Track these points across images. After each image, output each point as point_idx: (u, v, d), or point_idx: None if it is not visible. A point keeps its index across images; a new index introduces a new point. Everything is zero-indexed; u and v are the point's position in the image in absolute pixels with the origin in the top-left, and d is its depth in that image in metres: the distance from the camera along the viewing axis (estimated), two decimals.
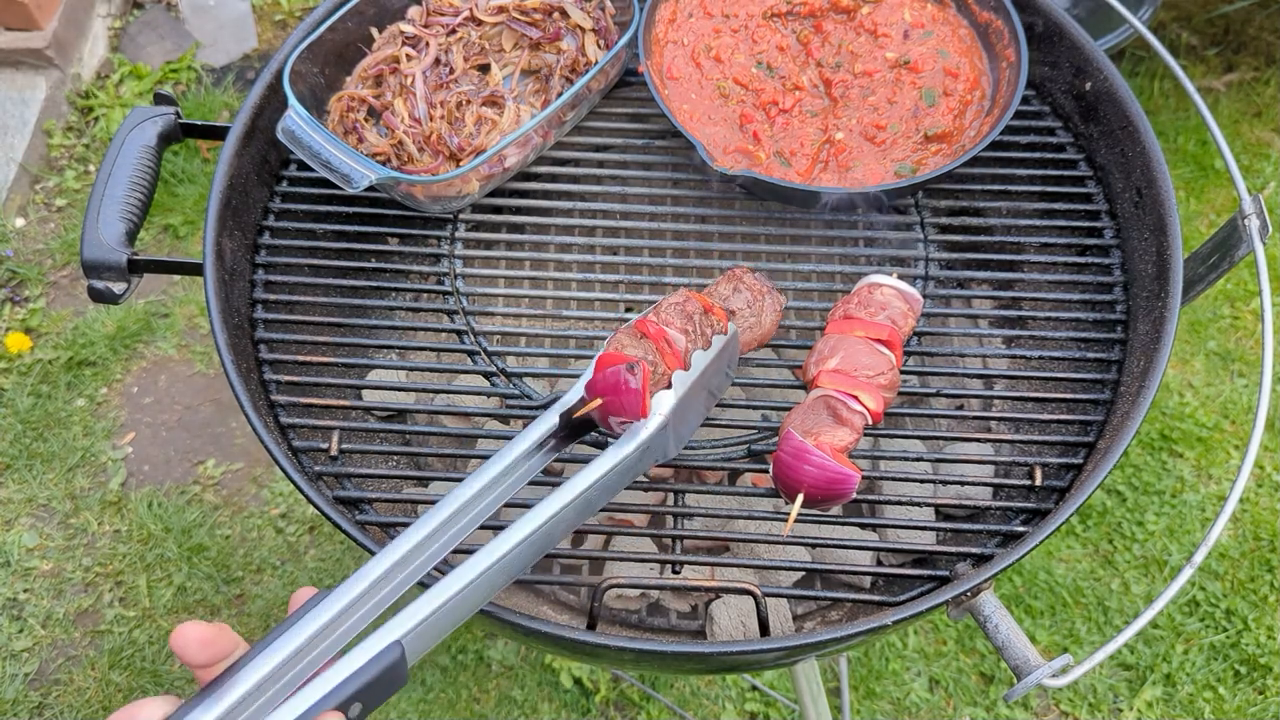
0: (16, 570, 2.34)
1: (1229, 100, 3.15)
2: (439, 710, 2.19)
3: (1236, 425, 2.55)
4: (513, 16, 1.37)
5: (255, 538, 2.39)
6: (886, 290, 1.17)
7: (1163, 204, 1.23)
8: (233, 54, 3.33)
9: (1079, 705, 2.19)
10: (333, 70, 1.36)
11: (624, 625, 1.31)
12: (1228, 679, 2.21)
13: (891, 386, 1.10)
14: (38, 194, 2.98)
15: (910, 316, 1.18)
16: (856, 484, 1.00)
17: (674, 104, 1.36)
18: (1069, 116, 1.41)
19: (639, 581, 1.08)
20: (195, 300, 2.78)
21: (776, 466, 1.02)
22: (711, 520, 1.27)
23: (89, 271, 1.24)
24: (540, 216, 1.37)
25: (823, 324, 1.28)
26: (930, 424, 1.28)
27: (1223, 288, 2.79)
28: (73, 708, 2.16)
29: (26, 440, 2.51)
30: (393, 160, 1.29)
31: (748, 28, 1.42)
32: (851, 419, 1.06)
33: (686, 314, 1.07)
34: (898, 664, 2.24)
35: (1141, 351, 1.19)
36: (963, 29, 1.41)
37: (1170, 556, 2.36)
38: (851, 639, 1.03)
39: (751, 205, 1.39)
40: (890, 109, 1.36)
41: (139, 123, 1.33)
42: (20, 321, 2.72)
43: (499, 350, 1.27)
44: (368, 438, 1.31)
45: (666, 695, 2.19)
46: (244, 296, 1.27)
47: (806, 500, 1.01)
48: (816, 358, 1.12)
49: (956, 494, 1.26)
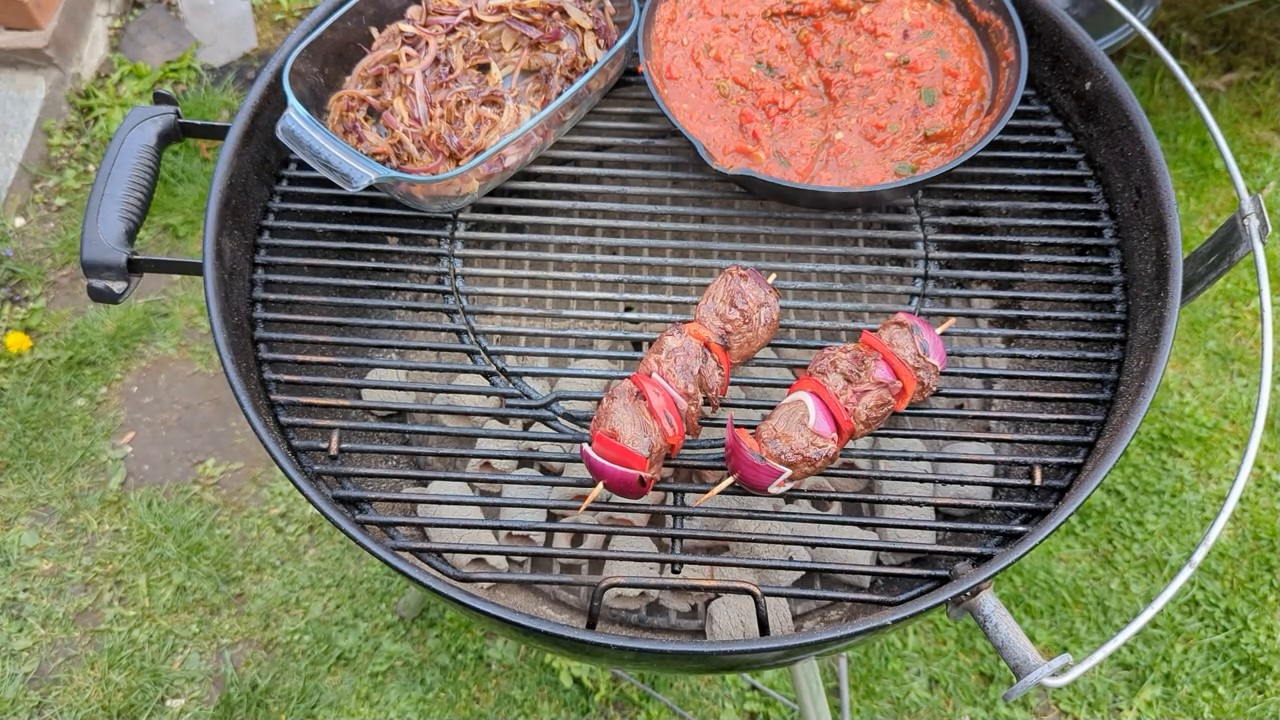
0: (16, 570, 2.34)
1: (1229, 100, 3.15)
2: (439, 710, 2.19)
3: (1236, 425, 2.55)
4: (512, 16, 1.37)
5: (255, 537, 2.39)
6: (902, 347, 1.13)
7: (1162, 204, 1.23)
8: (233, 54, 3.33)
9: (1079, 705, 2.19)
10: (333, 70, 1.36)
11: (624, 625, 1.31)
12: (1227, 678, 2.21)
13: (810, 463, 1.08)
14: (38, 194, 2.98)
15: (905, 397, 1.13)
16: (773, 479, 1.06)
17: (674, 104, 1.36)
18: (1069, 116, 1.41)
19: (639, 581, 1.08)
20: (195, 300, 2.78)
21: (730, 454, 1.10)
22: (711, 520, 1.27)
23: (89, 271, 1.24)
24: (540, 216, 1.37)
25: (822, 324, 1.28)
26: (930, 424, 1.28)
27: (1223, 288, 2.79)
28: (72, 707, 2.16)
29: (26, 440, 2.51)
30: (392, 160, 1.29)
31: (748, 27, 1.42)
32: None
33: (687, 368, 1.09)
34: (897, 664, 2.24)
35: (1141, 351, 1.19)
36: (962, 29, 1.41)
37: (1170, 556, 2.36)
38: (851, 639, 1.03)
39: (751, 205, 1.39)
40: (890, 109, 1.36)
41: (139, 122, 1.33)
42: (20, 321, 2.72)
43: (499, 350, 1.27)
44: (367, 437, 1.31)
45: (666, 695, 2.19)
46: (244, 296, 1.27)
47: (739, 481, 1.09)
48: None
49: (956, 494, 1.26)
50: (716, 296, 1.15)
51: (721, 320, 1.14)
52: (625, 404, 1.05)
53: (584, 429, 1.22)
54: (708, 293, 1.16)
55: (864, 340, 1.14)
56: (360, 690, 2.21)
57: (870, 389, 1.09)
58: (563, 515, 1.31)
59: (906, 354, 1.12)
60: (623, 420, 1.04)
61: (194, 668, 2.23)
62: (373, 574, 2.34)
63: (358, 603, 2.31)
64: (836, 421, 1.07)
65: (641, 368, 1.11)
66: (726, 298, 1.14)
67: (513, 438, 1.22)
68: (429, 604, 2.28)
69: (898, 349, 1.12)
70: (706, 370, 1.11)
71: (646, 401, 1.07)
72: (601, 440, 1.04)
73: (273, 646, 2.26)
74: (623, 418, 1.04)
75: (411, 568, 1.04)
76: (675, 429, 1.07)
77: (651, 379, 1.09)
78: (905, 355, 1.12)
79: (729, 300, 1.14)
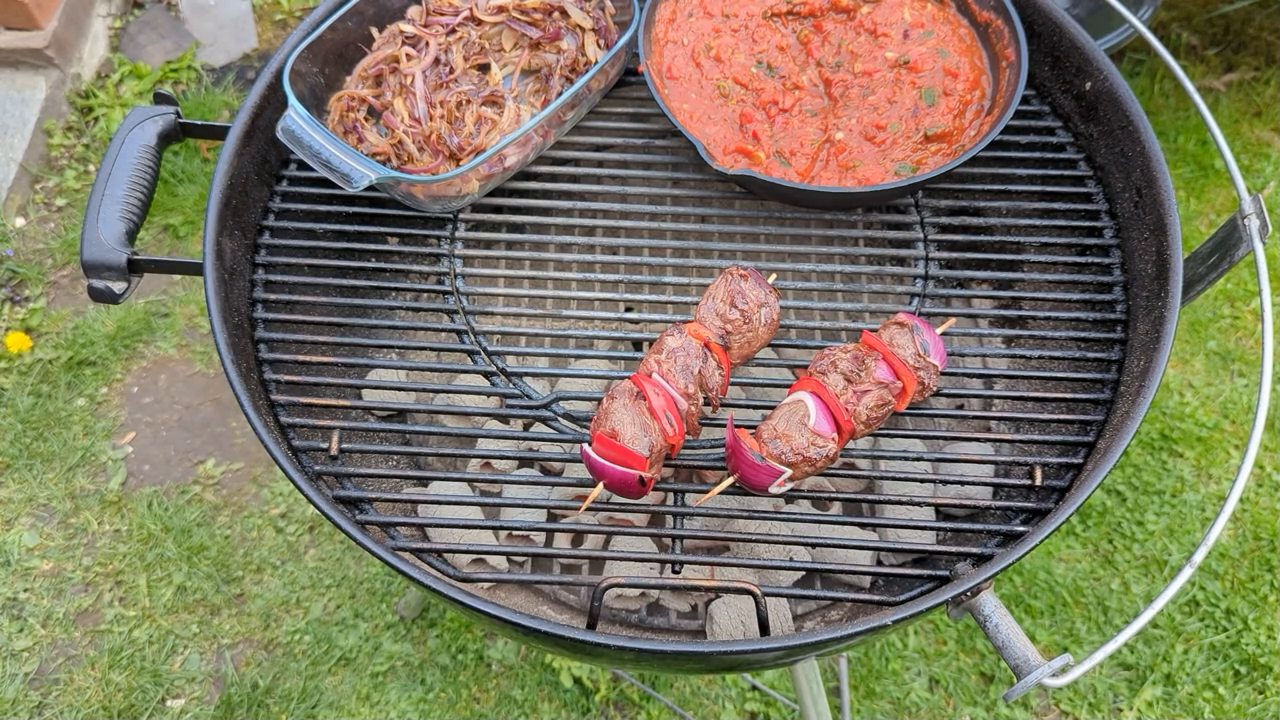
0: (16, 570, 2.34)
1: (1229, 100, 3.15)
2: (439, 710, 2.19)
3: (1236, 425, 2.55)
4: (513, 16, 1.37)
5: (255, 537, 2.39)
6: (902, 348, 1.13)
7: (1163, 204, 1.23)
8: (233, 54, 3.33)
9: (1079, 705, 2.19)
10: (333, 70, 1.36)
11: (624, 625, 1.31)
12: (1228, 679, 2.21)
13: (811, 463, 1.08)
14: (38, 194, 2.98)
15: (905, 397, 1.13)
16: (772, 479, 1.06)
17: (674, 104, 1.36)
18: (1069, 116, 1.41)
19: (639, 581, 1.08)
20: (195, 300, 2.78)
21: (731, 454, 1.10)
22: (712, 520, 1.27)
23: (89, 271, 1.24)
24: (540, 216, 1.37)
25: (822, 324, 1.28)
26: (930, 424, 1.28)
27: (1223, 288, 2.79)
28: (73, 707, 2.16)
29: (26, 440, 2.52)
30: (393, 160, 1.29)
31: (748, 27, 1.42)
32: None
33: (687, 368, 1.09)
34: (898, 664, 2.24)
35: (1141, 351, 1.19)
36: (963, 29, 1.41)
37: (1170, 556, 2.36)
38: (851, 639, 1.03)
39: (751, 205, 1.39)
40: (890, 109, 1.36)
41: (139, 122, 1.33)
42: (20, 321, 2.72)
43: (499, 350, 1.27)
44: (368, 437, 1.31)
45: (666, 695, 2.19)
46: (244, 296, 1.27)
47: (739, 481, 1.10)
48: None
49: (957, 494, 1.26)
50: (717, 296, 1.15)
51: (722, 320, 1.14)
52: (625, 404, 1.05)
53: (584, 429, 1.22)
54: (708, 293, 1.16)
55: (864, 340, 1.14)
56: (361, 690, 2.21)
57: (870, 389, 1.09)
58: (563, 515, 1.31)
59: (907, 354, 1.12)
60: (623, 420, 1.04)
61: (194, 668, 2.23)
62: (373, 574, 2.35)
63: (358, 603, 2.31)
64: (837, 421, 1.07)
65: (641, 368, 1.11)
66: (727, 298, 1.14)
67: (513, 438, 1.22)
68: (429, 604, 2.28)
69: (898, 349, 1.12)
70: (706, 370, 1.11)
71: (646, 401, 1.07)
72: (601, 440, 1.04)
73: (273, 647, 2.26)
74: (623, 418, 1.04)
75: (412, 568, 1.04)
76: (675, 429, 1.07)
77: (651, 379, 1.09)
78: (905, 355, 1.12)
79: (729, 300, 1.14)
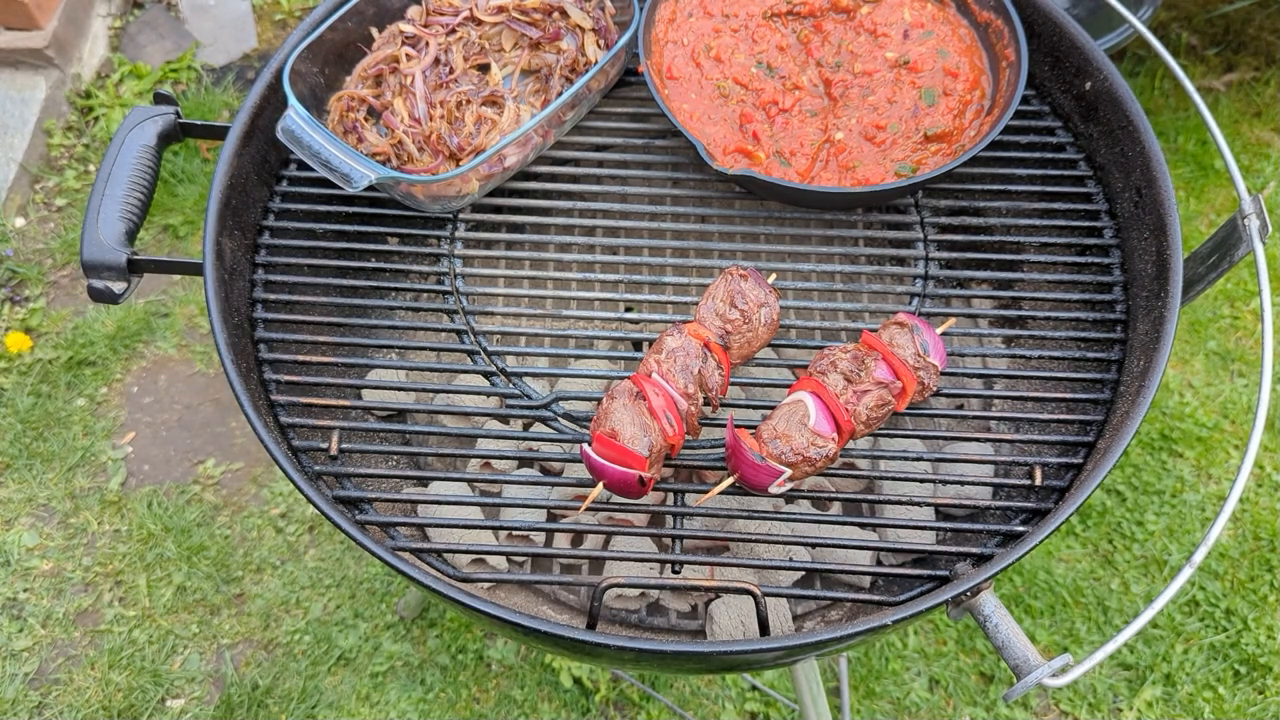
0: (16, 570, 2.34)
1: (1229, 100, 3.15)
2: (439, 710, 2.19)
3: (1236, 425, 2.55)
4: (513, 16, 1.37)
5: (255, 537, 2.39)
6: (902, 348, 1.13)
7: (1162, 204, 1.23)
8: (233, 54, 3.33)
9: (1079, 705, 2.19)
10: (333, 70, 1.36)
11: (624, 625, 1.31)
12: (1228, 679, 2.21)
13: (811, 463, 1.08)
14: (38, 194, 2.98)
15: (905, 397, 1.13)
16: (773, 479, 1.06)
17: (674, 104, 1.36)
18: (1069, 116, 1.41)
19: (639, 581, 1.08)
20: (195, 300, 2.78)
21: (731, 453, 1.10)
22: (711, 520, 1.27)
23: (89, 271, 1.24)
24: (540, 216, 1.37)
25: (822, 324, 1.28)
26: (930, 424, 1.28)
27: (1223, 288, 2.79)
28: (73, 707, 2.16)
29: (26, 440, 2.51)
30: (393, 160, 1.29)
31: (748, 27, 1.42)
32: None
33: (687, 368, 1.09)
34: (898, 664, 2.24)
35: (1141, 351, 1.19)
36: (963, 29, 1.41)
37: (1170, 556, 2.36)
38: (851, 639, 1.03)
39: (751, 205, 1.39)
40: (890, 109, 1.36)
41: (139, 122, 1.33)
42: (20, 321, 2.72)
43: (499, 350, 1.27)
44: (368, 437, 1.31)
45: (666, 695, 2.19)
46: (244, 296, 1.27)
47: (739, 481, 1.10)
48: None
49: (956, 494, 1.26)
50: (716, 296, 1.15)
51: (721, 320, 1.14)
52: (625, 404, 1.05)
53: (584, 429, 1.22)
54: (708, 293, 1.16)
55: (864, 340, 1.14)
56: (360, 690, 2.21)
57: (870, 389, 1.09)
58: (563, 515, 1.31)
59: (907, 354, 1.12)
60: (623, 420, 1.04)
61: (194, 668, 2.23)
62: (373, 574, 2.35)
63: (358, 603, 2.31)
64: (837, 421, 1.07)
65: (641, 368, 1.11)
66: (726, 298, 1.14)
67: (513, 438, 1.22)
68: (429, 604, 2.28)
69: (898, 349, 1.12)
70: (706, 370, 1.11)
71: (646, 401, 1.07)
72: (601, 440, 1.04)
73: (273, 647, 2.26)
74: (623, 418, 1.04)
75: (411, 568, 1.04)
76: (675, 429, 1.07)
77: (651, 379, 1.09)
78: (905, 355, 1.12)
79: (729, 300, 1.14)
